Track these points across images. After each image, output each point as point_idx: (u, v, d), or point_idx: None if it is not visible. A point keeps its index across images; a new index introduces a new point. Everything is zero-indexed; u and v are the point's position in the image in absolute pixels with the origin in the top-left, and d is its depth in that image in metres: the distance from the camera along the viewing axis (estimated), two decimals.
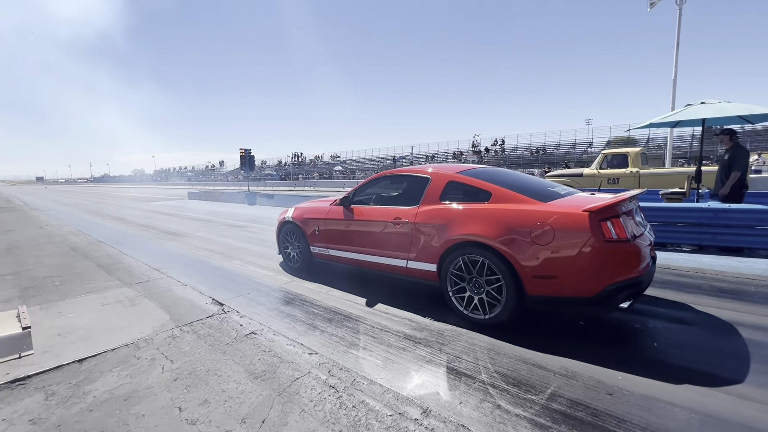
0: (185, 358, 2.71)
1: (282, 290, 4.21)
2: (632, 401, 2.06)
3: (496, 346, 2.75)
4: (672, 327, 2.99)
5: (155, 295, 4.15)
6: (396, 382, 2.32)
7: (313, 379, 2.39)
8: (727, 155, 5.62)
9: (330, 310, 3.58)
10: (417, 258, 3.50)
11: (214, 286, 4.42)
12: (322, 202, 4.85)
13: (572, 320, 3.15)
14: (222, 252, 6.35)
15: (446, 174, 3.55)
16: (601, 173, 10.89)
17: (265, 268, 5.19)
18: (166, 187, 49.80)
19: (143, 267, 5.45)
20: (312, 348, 2.80)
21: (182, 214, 12.89)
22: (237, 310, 3.61)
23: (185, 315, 3.52)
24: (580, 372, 2.36)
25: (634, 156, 10.53)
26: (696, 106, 6.02)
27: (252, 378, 2.42)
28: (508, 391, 2.19)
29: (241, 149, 17.87)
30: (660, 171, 10.87)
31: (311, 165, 56.40)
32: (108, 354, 2.82)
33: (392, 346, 2.80)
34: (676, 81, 15.02)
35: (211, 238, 7.85)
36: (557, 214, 2.76)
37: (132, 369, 2.59)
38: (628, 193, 3.02)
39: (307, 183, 34.88)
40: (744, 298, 3.54)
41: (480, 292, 3.11)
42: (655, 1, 14.62)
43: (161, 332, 3.16)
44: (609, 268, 2.60)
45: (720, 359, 2.49)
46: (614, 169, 10.70)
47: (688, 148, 30.24)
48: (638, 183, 10.36)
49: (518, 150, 40.93)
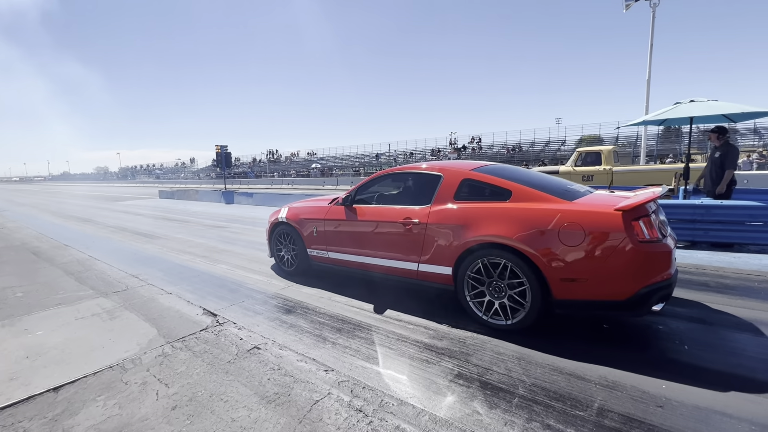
0: (182, 381, 2.38)
1: (279, 297, 3.90)
2: (686, 413, 1.93)
3: (524, 355, 2.58)
4: (694, 327, 2.92)
5: (137, 305, 3.74)
6: (428, 402, 2.10)
7: (336, 401, 2.13)
8: (718, 153, 5.72)
9: (337, 318, 3.31)
10: (430, 261, 3.29)
11: (203, 294, 4.05)
12: (319, 201, 4.56)
13: (593, 323, 3.03)
14: (205, 255, 5.92)
15: (460, 171, 3.35)
16: (576, 170, 11.16)
17: (256, 273, 4.85)
18: (134, 186, 47.41)
19: (119, 273, 4.97)
20: (326, 364, 2.53)
21: (155, 214, 12.15)
22: (233, 321, 3.28)
23: (175, 329, 3.16)
24: (620, 381, 2.22)
25: (607, 154, 10.93)
26: (686, 105, 6.11)
27: (264, 403, 2.14)
28: (553, 407, 2.01)
29: (217, 146, 17.10)
30: (631, 168, 11.30)
31: (287, 162, 55.20)
32: (89, 379, 2.44)
33: (414, 359, 2.58)
34: (650, 81, 15.54)
35: (190, 239, 7.35)
36: (588, 214, 2.61)
37: (120, 397, 2.24)
38: (651, 191, 2.92)
39: (284, 181, 34.01)
40: (752, 295, 3.55)
41: (501, 297, 2.93)
42: (631, 2, 15.07)
43: (150, 350, 2.80)
44: (643, 269, 2.48)
45: (753, 362, 2.41)
46: (588, 167, 11.04)
47: (654, 146, 31.57)
48: (611, 180, 10.70)
49: (495, 147, 41.53)
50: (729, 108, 5.83)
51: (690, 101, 6.15)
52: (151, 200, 19.13)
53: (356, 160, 48.60)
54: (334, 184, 27.58)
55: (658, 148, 30.70)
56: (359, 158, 49.23)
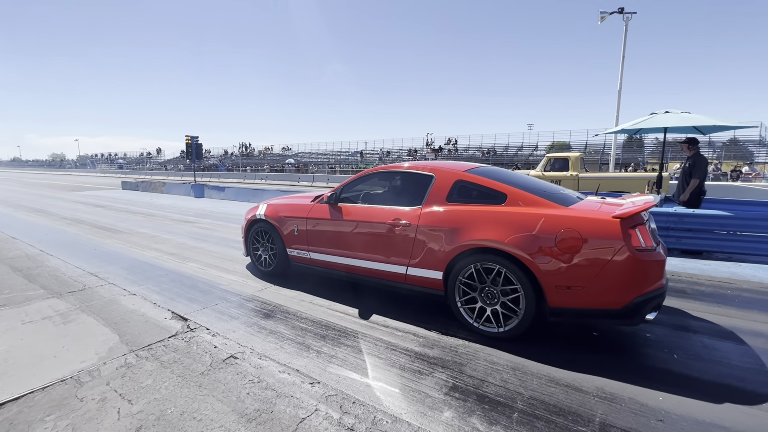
0: (149, 396, 2.12)
1: (257, 299, 3.65)
2: (687, 428, 1.89)
3: (519, 365, 2.49)
4: (680, 336, 2.94)
5: (96, 308, 3.39)
6: (424, 419, 1.96)
7: (324, 418, 1.95)
8: (688, 163, 5.94)
9: (320, 324, 3.11)
10: (419, 264, 3.15)
11: (172, 295, 3.73)
12: (301, 198, 4.32)
13: (582, 330, 3.00)
14: (174, 252, 5.53)
15: (454, 172, 3.23)
16: (545, 175, 11.52)
17: (230, 272, 4.55)
18: (94, 175, 44.69)
19: (75, 271, 4.54)
20: (312, 375, 2.34)
21: (117, 207, 11.39)
22: (206, 327, 3.02)
23: (140, 335, 2.86)
24: (618, 393, 2.17)
25: (574, 160, 11.44)
26: (661, 115, 6.31)
27: (244, 421, 1.92)
28: (555, 423, 1.92)
29: (188, 136, 16.29)
30: (596, 175, 11.86)
31: (261, 157, 53.72)
32: (37, 395, 2.13)
33: (406, 369, 2.43)
34: (621, 92, 16.18)
35: (157, 235, 6.88)
36: (586, 220, 2.56)
37: (74, 416, 1.96)
38: (644, 199, 2.92)
39: (258, 175, 32.96)
40: (727, 303, 3.65)
41: (493, 303, 2.84)
42: (606, 15, 15.62)
43: (111, 360, 2.50)
44: (639, 278, 2.45)
45: (741, 371, 2.43)
46: (556, 172, 11.46)
47: (620, 155, 33.08)
48: (577, 186, 11.12)
49: (470, 150, 42.19)
50: (700, 120, 6.06)
51: (665, 112, 6.36)
52: (113, 191, 18.00)
53: (332, 157, 48.01)
54: (309, 180, 27.05)
55: (623, 157, 32.18)
56: (335, 155, 48.66)
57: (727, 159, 28.24)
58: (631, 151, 34.00)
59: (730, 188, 13.98)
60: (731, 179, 20.98)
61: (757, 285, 4.19)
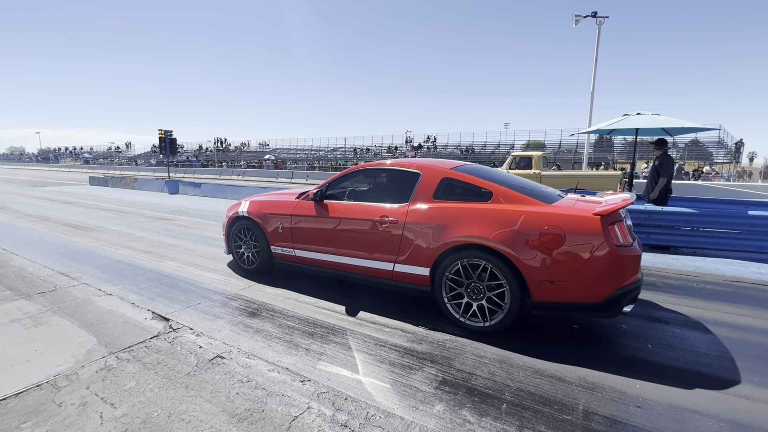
0: (133, 399, 2.05)
1: (241, 298, 3.59)
2: (662, 413, 2.00)
3: (505, 358, 2.56)
4: (653, 326, 3.10)
5: (69, 309, 3.24)
6: (416, 413, 1.99)
7: (317, 416, 1.95)
8: (656, 162, 6.24)
9: (307, 321, 3.10)
10: (406, 261, 3.18)
11: (151, 295, 3.61)
12: (284, 195, 4.27)
13: (562, 323, 3.12)
14: (150, 251, 5.35)
15: (440, 170, 3.27)
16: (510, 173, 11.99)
17: (211, 270, 4.45)
18: (58, 170, 42.41)
19: (44, 271, 4.31)
20: (302, 373, 2.33)
21: (86, 203, 10.88)
22: (190, 327, 2.94)
23: (119, 336, 2.76)
24: (599, 383, 2.27)
25: (537, 159, 12.15)
26: (633, 116, 6.59)
27: (235, 421, 1.90)
28: (542, 412, 2.00)
29: (161, 130, 15.69)
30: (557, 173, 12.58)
31: (237, 152, 52.44)
32: (11, 402, 2.03)
33: (396, 365, 2.46)
34: (594, 93, 16.77)
35: (131, 233, 6.63)
36: (568, 217, 2.65)
37: (53, 422, 1.88)
38: (621, 197, 3.05)
39: (234, 171, 32.18)
40: (694, 294, 3.87)
41: (479, 299, 2.90)
42: (580, 18, 16.12)
43: (89, 363, 2.41)
44: (618, 272, 2.56)
45: (708, 359, 2.59)
46: (521, 170, 12.03)
47: (591, 154, 34.28)
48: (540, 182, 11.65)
49: (449, 148, 42.68)
50: (668, 122, 6.37)
51: (637, 114, 6.65)
52: (80, 187, 17.16)
53: (311, 153, 47.46)
54: (288, 177, 26.67)
55: (594, 156, 33.39)
56: (314, 151, 48.13)
57: (689, 159, 29.80)
58: (601, 151, 35.30)
59: (692, 187, 14.80)
60: (693, 178, 22.21)
61: (719, 278, 4.46)
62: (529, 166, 12.14)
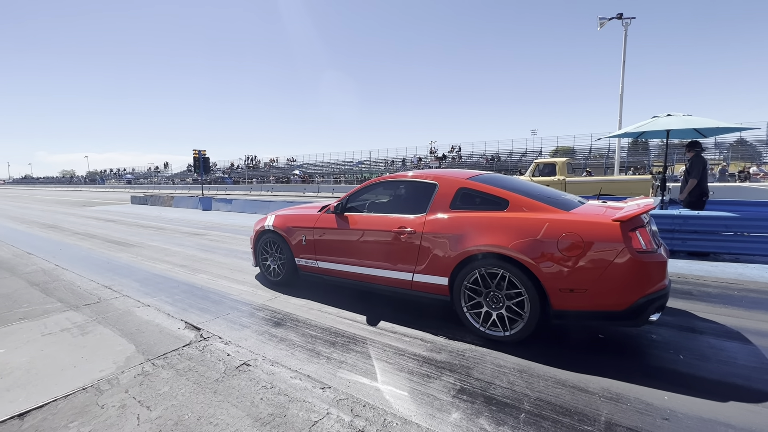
0: (166, 403, 2.20)
1: (266, 308, 3.73)
2: (692, 426, 1.92)
3: (525, 368, 2.53)
4: (686, 336, 2.96)
5: (111, 319, 3.49)
6: (433, 420, 2.01)
7: (336, 421, 2.01)
8: (687, 164, 5.98)
9: (329, 331, 3.18)
10: (425, 271, 3.22)
11: (185, 306, 3.83)
12: (307, 209, 4.43)
13: (588, 332, 3.04)
14: (184, 264, 5.65)
15: (457, 180, 3.31)
16: (534, 180, 11.70)
17: (240, 283, 4.65)
18: (103, 191, 45.42)
19: (90, 284, 4.66)
20: (322, 381, 2.40)
21: (128, 221, 11.61)
22: (219, 336, 3.10)
23: (155, 344, 2.95)
24: (624, 394, 2.21)
25: (560, 165, 11.78)
26: (663, 118, 6.36)
27: (259, 425, 1.99)
28: (562, 423, 1.97)
29: (195, 150, 16.60)
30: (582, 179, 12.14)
31: (266, 169, 54.31)
32: (60, 403, 2.22)
33: (414, 373, 2.49)
34: (623, 96, 16.24)
35: (168, 248, 7.02)
36: (586, 224, 2.62)
37: (96, 422, 2.04)
38: (645, 202, 2.97)
39: (264, 187, 33.31)
40: (734, 303, 3.66)
41: (499, 308, 2.89)
42: (605, 21, 15.77)
43: (128, 369, 2.59)
44: (641, 279, 2.49)
45: (746, 370, 2.45)
46: (544, 177, 11.69)
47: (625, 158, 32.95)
48: (565, 189, 11.26)
49: (474, 157, 42.28)
50: (701, 122, 6.10)
51: (667, 115, 6.41)
52: (123, 206, 18.32)
53: (336, 167, 48.37)
54: (315, 191, 27.27)
55: (629, 160, 32.05)
56: (339, 165, 49.03)
57: (735, 160, 28.00)
58: (636, 154, 33.87)
59: (738, 189, 13.89)
60: (739, 180, 20.82)
61: (764, 285, 4.19)
62: (553, 173, 11.86)
